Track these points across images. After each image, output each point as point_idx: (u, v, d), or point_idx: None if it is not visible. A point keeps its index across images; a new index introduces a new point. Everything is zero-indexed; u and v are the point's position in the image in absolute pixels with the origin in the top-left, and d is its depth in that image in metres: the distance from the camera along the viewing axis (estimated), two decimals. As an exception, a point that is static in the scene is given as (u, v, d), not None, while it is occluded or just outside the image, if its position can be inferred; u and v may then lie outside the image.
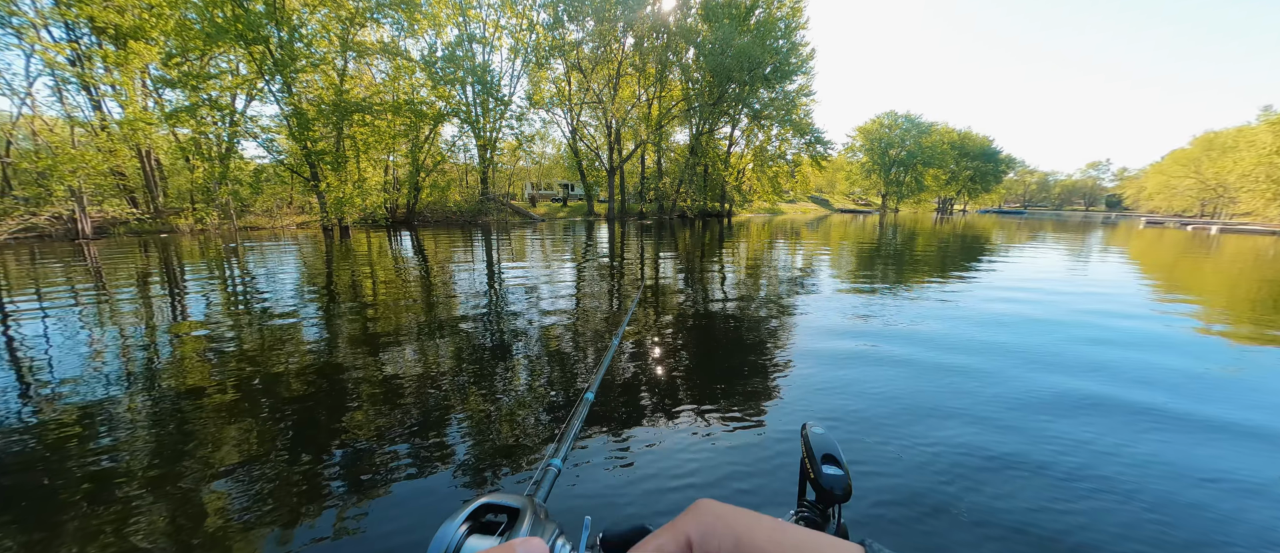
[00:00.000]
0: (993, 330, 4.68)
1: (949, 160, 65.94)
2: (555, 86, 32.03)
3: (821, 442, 0.99)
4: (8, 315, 5.30)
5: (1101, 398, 3.08)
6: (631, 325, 4.87)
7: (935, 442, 2.51)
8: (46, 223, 14.88)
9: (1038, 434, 2.61)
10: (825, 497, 0.92)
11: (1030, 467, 2.29)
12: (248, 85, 18.22)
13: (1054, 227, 29.17)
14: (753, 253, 11.92)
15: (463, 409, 2.93)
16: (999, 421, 2.76)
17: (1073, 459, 2.36)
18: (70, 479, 2.19)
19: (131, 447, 2.49)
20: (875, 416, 2.82)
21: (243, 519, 1.94)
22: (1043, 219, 46.43)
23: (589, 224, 25.77)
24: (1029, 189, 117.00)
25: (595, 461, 2.35)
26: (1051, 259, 11.13)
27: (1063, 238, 18.68)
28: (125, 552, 1.76)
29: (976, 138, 71.24)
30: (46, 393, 3.18)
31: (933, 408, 2.93)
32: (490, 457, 2.42)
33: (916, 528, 1.87)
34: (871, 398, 3.06)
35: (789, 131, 35.79)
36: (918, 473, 2.23)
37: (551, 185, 44.17)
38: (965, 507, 2.00)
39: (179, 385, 3.29)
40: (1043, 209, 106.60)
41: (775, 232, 20.72)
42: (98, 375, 3.46)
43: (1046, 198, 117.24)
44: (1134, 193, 67.76)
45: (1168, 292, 7.21)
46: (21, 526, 1.88)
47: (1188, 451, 2.46)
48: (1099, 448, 2.47)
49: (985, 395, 3.10)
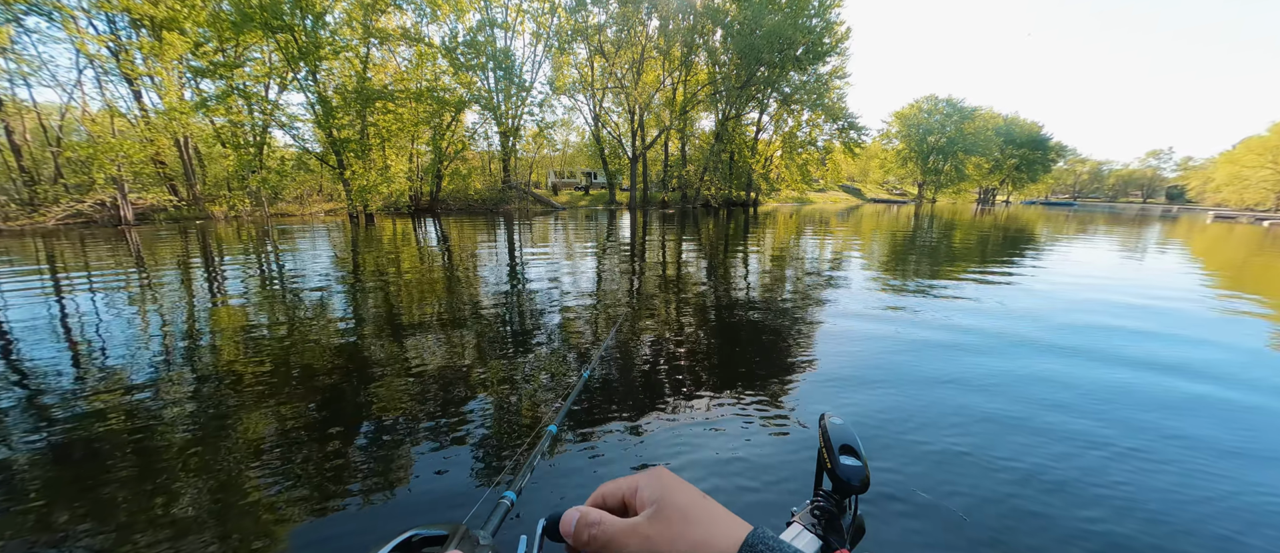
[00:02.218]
0: (1036, 330, 4.51)
1: (993, 148, 63.10)
2: (578, 72, 32.00)
3: (840, 432, 1.00)
4: (62, 292, 5.71)
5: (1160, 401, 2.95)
6: (649, 316, 4.90)
7: (956, 443, 2.46)
8: (91, 210, 15.83)
9: (1083, 436, 2.52)
10: (842, 487, 0.94)
11: (1049, 462, 2.22)
12: (277, 75, 18.86)
13: (1107, 220, 27.70)
14: (778, 244, 11.76)
15: (423, 432, 2.62)
16: (1029, 423, 2.68)
17: (1113, 464, 2.28)
18: (116, 442, 2.37)
19: (153, 413, 2.67)
20: (898, 413, 2.78)
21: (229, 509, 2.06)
22: (1094, 212, 44.19)
23: (611, 213, 25.84)
24: (1080, 179, 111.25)
25: (600, 449, 2.40)
26: (1108, 257, 10.61)
27: (1116, 232, 17.78)
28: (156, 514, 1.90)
29: (1024, 123, 68.01)
30: (98, 364, 3.42)
31: (963, 409, 2.86)
32: (451, 479, 2.20)
33: (933, 521, 1.85)
34: (895, 395, 3.01)
35: (820, 117, 34.89)
36: (938, 471, 2.20)
37: (574, 173, 44.38)
38: (975, 508, 1.96)
39: (192, 363, 3.50)
40: (1095, 201, 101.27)
41: (803, 222, 20.36)
42: (140, 350, 3.71)
43: (1099, 189, 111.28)
44: (1199, 184, 63.71)
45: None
46: (74, 481, 2.05)
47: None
48: (1133, 454, 2.38)
49: (1016, 395, 3.01)
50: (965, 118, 58.76)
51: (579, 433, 2.60)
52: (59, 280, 6.78)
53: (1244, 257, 11.57)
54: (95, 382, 3.27)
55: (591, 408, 2.93)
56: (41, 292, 5.98)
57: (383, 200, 20.97)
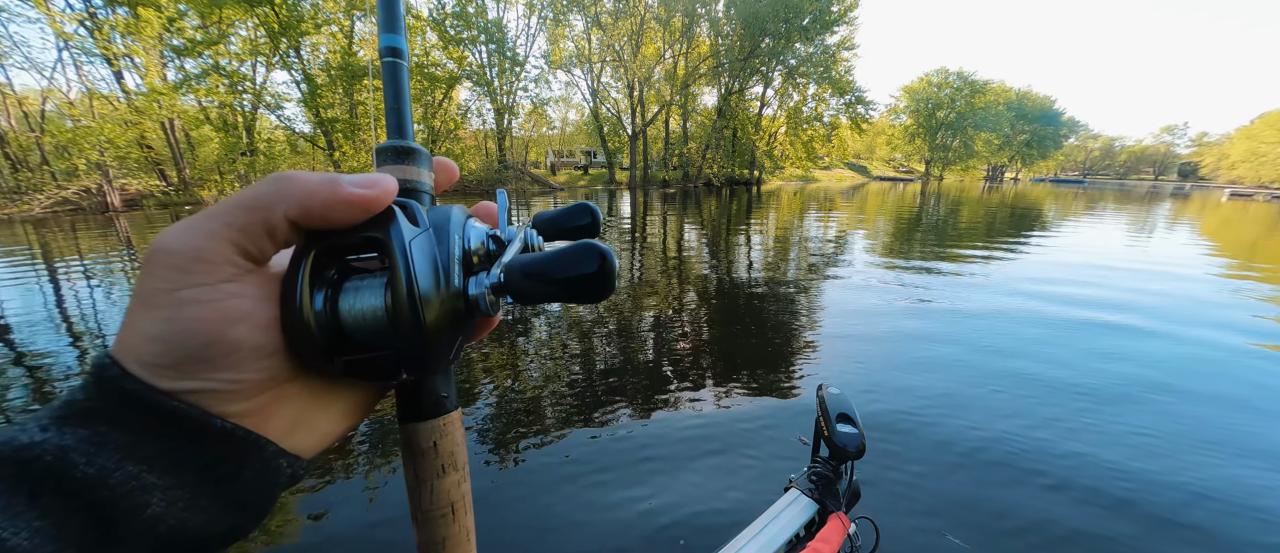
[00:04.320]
0: (1035, 306, 4.60)
1: (1004, 123, 62.54)
2: (574, 45, 31.45)
3: (837, 401, 1.08)
4: (58, 279, 5.77)
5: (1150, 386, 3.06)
6: (654, 297, 4.97)
7: (956, 421, 2.57)
8: (76, 196, 15.73)
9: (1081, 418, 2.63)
10: (839, 453, 1.02)
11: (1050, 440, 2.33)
12: (263, 53, 18.49)
13: (1116, 198, 27.58)
14: (781, 225, 11.79)
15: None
16: (1035, 403, 2.78)
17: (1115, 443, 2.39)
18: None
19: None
20: (900, 394, 2.88)
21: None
22: (1104, 190, 44.04)
23: (610, 193, 25.73)
24: (1091, 155, 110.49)
25: (608, 435, 2.51)
26: (1120, 237, 10.66)
27: (1127, 209, 17.78)
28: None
29: (1037, 97, 67.31)
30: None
31: (962, 390, 2.96)
32: None
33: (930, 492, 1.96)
34: (899, 375, 3.12)
35: (827, 90, 34.40)
36: (936, 446, 2.30)
37: (573, 152, 44.02)
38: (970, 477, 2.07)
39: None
40: (1105, 178, 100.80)
41: (807, 201, 20.32)
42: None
43: (1110, 165, 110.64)
44: (1213, 161, 63.36)
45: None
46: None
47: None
48: (1129, 442, 2.49)
49: (1022, 374, 3.11)
50: (976, 92, 58.09)
51: (585, 412, 2.73)
52: (55, 267, 6.83)
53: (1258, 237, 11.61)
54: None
55: (596, 384, 3.07)
56: (36, 276, 6.04)
57: (375, 182, 20.75)
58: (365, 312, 0.23)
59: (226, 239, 0.20)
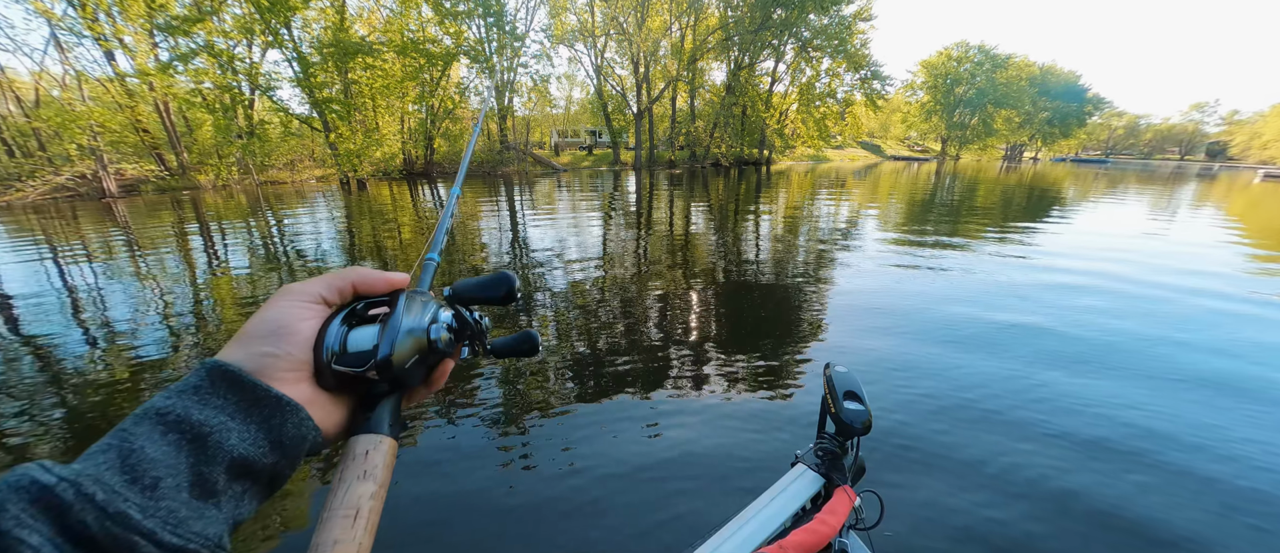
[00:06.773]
0: (1050, 296, 4.60)
1: (1025, 100, 61.11)
2: (577, 18, 30.90)
3: (844, 379, 1.13)
4: (62, 265, 5.88)
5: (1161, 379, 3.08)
6: (659, 281, 5.01)
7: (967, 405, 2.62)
8: (71, 182, 15.80)
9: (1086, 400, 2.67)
10: (845, 430, 1.07)
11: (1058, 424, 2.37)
12: (255, 31, 18.19)
13: (1139, 179, 27.11)
14: (791, 207, 11.72)
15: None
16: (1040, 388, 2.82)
17: (1123, 430, 2.43)
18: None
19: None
20: (902, 363, 2.92)
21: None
22: (1126, 170, 43.28)
23: (615, 174, 25.54)
24: (1114, 134, 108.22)
25: (613, 423, 2.56)
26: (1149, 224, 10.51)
27: (1154, 191, 17.50)
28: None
29: (1061, 73, 65.65)
30: (101, 334, 3.61)
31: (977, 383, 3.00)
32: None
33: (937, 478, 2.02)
34: (900, 349, 3.16)
35: (841, 65, 33.53)
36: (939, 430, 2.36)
37: (577, 132, 43.60)
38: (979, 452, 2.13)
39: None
40: (1128, 158, 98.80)
41: (818, 182, 20.13)
42: (135, 320, 3.89)
43: (1134, 145, 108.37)
44: (1244, 140, 61.93)
45: None
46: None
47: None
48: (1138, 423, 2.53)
49: (1024, 355, 3.14)
50: (998, 66, 56.73)
51: (593, 386, 2.84)
52: (48, 256, 6.93)
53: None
54: (110, 357, 3.46)
55: (603, 361, 3.21)
56: (39, 260, 6.14)
57: (373, 165, 20.75)
58: (363, 337, 0.37)
59: (321, 287, 0.39)
